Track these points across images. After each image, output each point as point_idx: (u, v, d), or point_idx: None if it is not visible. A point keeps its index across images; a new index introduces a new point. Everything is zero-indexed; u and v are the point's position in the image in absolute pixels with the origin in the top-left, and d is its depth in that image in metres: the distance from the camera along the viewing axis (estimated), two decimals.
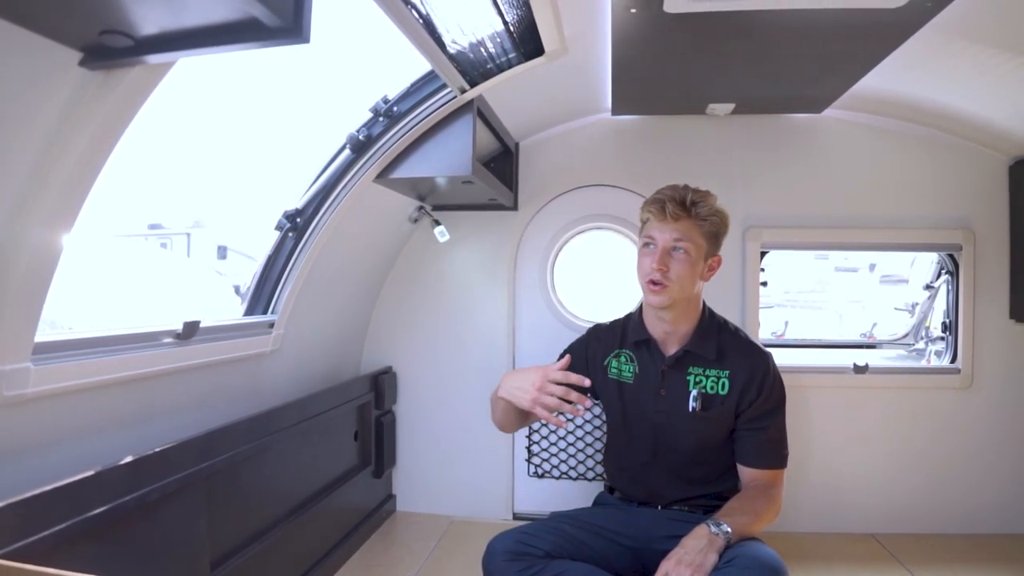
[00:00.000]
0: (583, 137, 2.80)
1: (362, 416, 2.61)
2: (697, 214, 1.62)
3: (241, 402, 1.96)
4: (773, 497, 1.64)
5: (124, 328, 1.46)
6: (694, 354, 1.70)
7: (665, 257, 1.62)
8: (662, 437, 1.72)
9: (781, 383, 1.72)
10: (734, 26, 1.76)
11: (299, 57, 1.70)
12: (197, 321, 1.63)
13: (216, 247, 4.45)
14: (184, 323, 1.59)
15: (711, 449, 1.72)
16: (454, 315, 2.87)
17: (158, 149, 1.46)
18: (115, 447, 1.43)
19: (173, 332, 1.59)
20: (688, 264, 1.62)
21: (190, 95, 1.34)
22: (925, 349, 3.21)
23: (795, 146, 2.69)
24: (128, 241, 3.62)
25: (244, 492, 1.81)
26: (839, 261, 9.42)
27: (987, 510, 2.61)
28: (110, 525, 1.27)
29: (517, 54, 1.82)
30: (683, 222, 1.62)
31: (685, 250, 1.61)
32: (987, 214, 2.62)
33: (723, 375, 1.68)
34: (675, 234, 1.62)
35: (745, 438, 1.69)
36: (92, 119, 1.05)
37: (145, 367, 1.50)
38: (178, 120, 1.35)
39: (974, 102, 2.29)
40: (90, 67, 0.98)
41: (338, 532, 2.38)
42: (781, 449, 1.70)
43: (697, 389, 1.68)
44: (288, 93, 1.73)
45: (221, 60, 1.37)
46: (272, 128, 1.96)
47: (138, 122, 1.17)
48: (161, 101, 1.17)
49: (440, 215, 2.77)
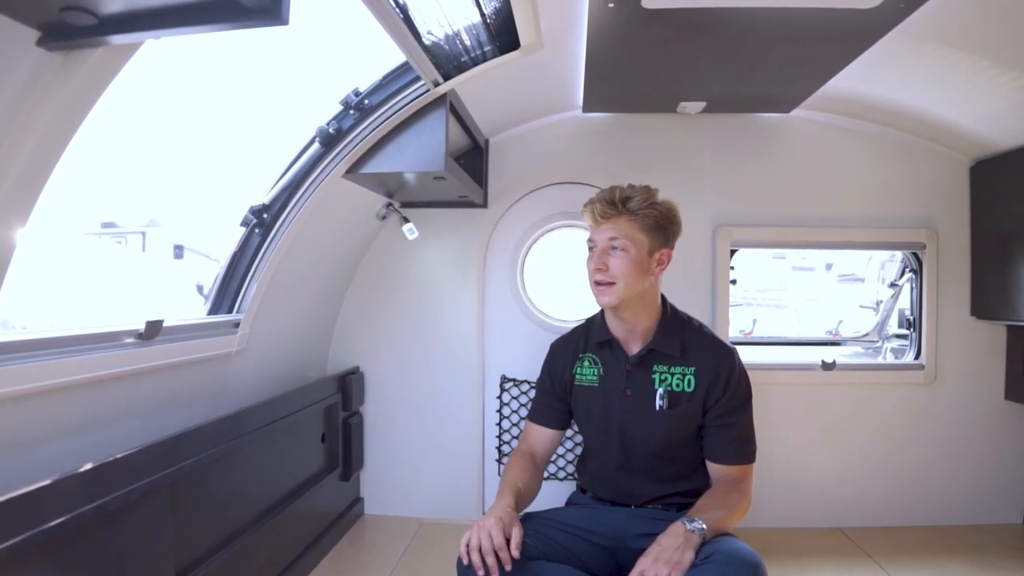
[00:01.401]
0: (554, 134, 2.78)
1: (329, 418, 2.54)
2: (628, 209, 1.62)
3: (205, 404, 1.88)
4: (744, 491, 1.64)
5: (82, 328, 1.38)
6: (658, 352, 1.69)
7: (603, 256, 1.62)
8: (630, 437, 1.70)
9: (747, 379, 1.72)
10: (709, 23, 1.76)
11: (262, 46, 1.64)
12: (160, 320, 1.55)
13: (172, 246, 4.31)
14: (147, 322, 1.52)
15: (679, 446, 1.71)
16: (422, 314, 2.83)
17: (110, 140, 1.39)
18: (73, 454, 1.35)
19: (135, 332, 1.51)
20: (628, 261, 1.61)
21: (145, 83, 1.27)
22: (881, 346, 3.29)
23: (764, 146, 2.72)
24: (82, 239, 3.46)
25: (210, 498, 1.74)
26: (796, 260, 9.65)
27: (951, 502, 2.69)
28: (69, 537, 1.19)
29: (492, 47, 1.79)
30: (615, 220, 1.62)
31: (622, 247, 1.61)
32: (949, 214, 2.69)
33: (688, 372, 1.68)
34: (609, 233, 1.62)
35: (714, 435, 1.69)
36: (49, 105, 0.98)
37: (104, 369, 1.42)
38: (132, 109, 1.28)
39: (939, 104, 2.35)
40: (48, 47, 0.92)
41: (306, 537, 2.32)
42: (749, 444, 1.70)
43: (663, 387, 1.68)
44: (249, 85, 1.67)
45: (178, 46, 1.30)
46: (232, 123, 1.89)
47: (94, 111, 1.10)
48: (116, 89, 1.10)
49: (409, 212, 2.72)
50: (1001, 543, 2.50)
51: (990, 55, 1.93)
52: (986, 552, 2.42)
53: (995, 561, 2.34)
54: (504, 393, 2.79)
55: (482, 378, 2.81)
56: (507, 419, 2.79)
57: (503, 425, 2.80)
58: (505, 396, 2.79)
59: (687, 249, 2.71)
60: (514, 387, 2.79)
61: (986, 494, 2.69)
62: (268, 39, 1.58)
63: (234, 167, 2.23)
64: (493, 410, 2.81)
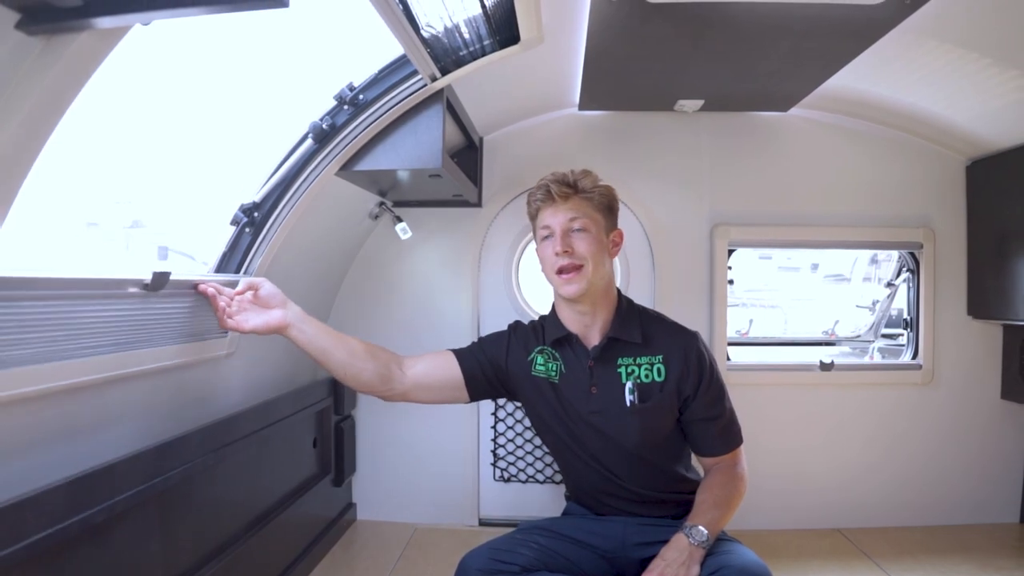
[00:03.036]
0: (549, 132, 2.75)
1: (321, 422, 2.48)
2: (583, 188, 1.57)
3: (193, 410, 1.81)
4: (740, 475, 1.60)
5: (88, 272, 1.28)
6: (619, 341, 1.59)
7: (566, 239, 1.54)
8: (601, 438, 1.59)
9: (713, 360, 1.64)
10: (711, 19, 1.74)
11: (254, 37, 1.58)
12: (167, 272, 1.43)
13: (157, 248, 4.23)
14: (154, 272, 1.40)
15: (657, 443, 1.60)
16: (415, 314, 2.78)
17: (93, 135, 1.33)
18: (55, 464, 1.28)
19: (140, 282, 1.39)
20: (593, 240, 1.54)
21: (128, 74, 1.21)
22: (869, 346, 3.29)
23: (761, 144, 2.71)
24: (65, 238, 3.38)
25: (199, 507, 1.68)
26: (782, 261, 9.71)
27: (948, 502, 2.69)
28: (51, 551, 1.13)
29: (492, 41, 1.74)
30: (573, 200, 1.56)
31: (584, 227, 1.54)
32: (946, 213, 2.69)
33: (656, 360, 1.58)
34: (570, 213, 1.55)
35: (701, 430, 1.61)
36: (30, 93, 0.91)
37: (87, 375, 1.35)
38: (116, 101, 1.22)
39: (936, 103, 2.34)
40: (29, 31, 0.85)
41: (298, 545, 2.26)
42: (735, 427, 1.63)
43: (631, 380, 1.57)
44: (240, 78, 1.61)
45: (164, 35, 1.24)
46: (221, 118, 1.82)
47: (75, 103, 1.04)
48: (98, 79, 1.04)
49: (402, 211, 2.67)
50: (998, 542, 2.50)
51: (991, 53, 1.92)
52: (984, 551, 2.42)
53: (993, 560, 2.34)
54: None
55: None
56: (502, 422, 2.75)
57: (498, 428, 2.75)
58: (499, 399, 2.74)
59: (684, 249, 2.69)
60: None
61: (983, 493, 2.69)
62: (260, 29, 1.53)
63: (223, 164, 2.16)
64: (487, 412, 2.76)
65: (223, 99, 1.59)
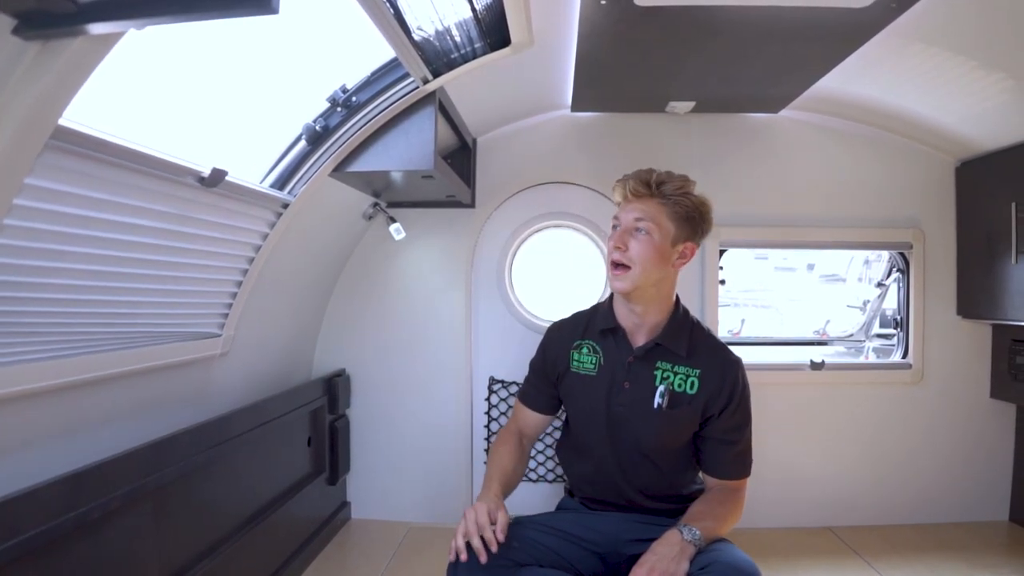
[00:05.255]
0: (542, 134, 2.76)
1: (315, 421, 2.50)
2: (661, 192, 1.56)
3: (188, 409, 1.83)
4: (738, 501, 1.62)
5: (151, 149, 1.30)
6: (664, 348, 1.62)
7: (625, 236, 1.56)
8: (620, 432, 1.64)
9: (749, 394, 1.67)
10: (701, 22, 1.75)
11: (246, 40, 1.59)
12: (224, 170, 1.48)
13: None
14: (213, 168, 1.45)
15: (671, 449, 1.65)
16: (409, 315, 2.79)
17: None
18: (51, 461, 1.30)
19: (198, 174, 1.43)
20: (650, 246, 1.55)
21: (120, 78, 1.22)
22: (863, 346, 3.30)
23: (752, 145, 2.73)
24: None
25: (193, 505, 1.69)
26: (779, 261, 9.71)
27: (939, 500, 2.71)
28: (47, 548, 1.15)
29: (483, 44, 1.76)
30: (645, 201, 1.57)
31: (647, 230, 1.55)
32: (935, 214, 2.72)
33: (693, 373, 1.61)
34: (636, 213, 1.56)
35: (715, 449, 1.64)
36: (25, 97, 0.93)
37: (84, 373, 1.37)
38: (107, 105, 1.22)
39: (925, 105, 2.36)
40: (25, 36, 0.87)
41: (292, 543, 2.27)
42: (748, 459, 1.66)
43: (664, 385, 1.60)
44: (233, 81, 1.62)
45: (156, 39, 1.26)
46: (215, 120, 1.83)
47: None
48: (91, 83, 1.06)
49: (395, 212, 2.69)
50: (988, 540, 2.53)
51: (977, 56, 1.94)
52: (973, 549, 2.44)
53: (982, 558, 2.36)
54: (492, 395, 2.76)
55: (470, 380, 2.77)
56: (496, 421, 2.76)
57: (491, 427, 2.77)
58: (493, 398, 2.76)
59: None
60: (502, 388, 2.76)
61: (973, 491, 2.71)
62: (253, 33, 1.54)
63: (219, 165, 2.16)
64: (481, 412, 2.78)
65: (215, 103, 1.60)
